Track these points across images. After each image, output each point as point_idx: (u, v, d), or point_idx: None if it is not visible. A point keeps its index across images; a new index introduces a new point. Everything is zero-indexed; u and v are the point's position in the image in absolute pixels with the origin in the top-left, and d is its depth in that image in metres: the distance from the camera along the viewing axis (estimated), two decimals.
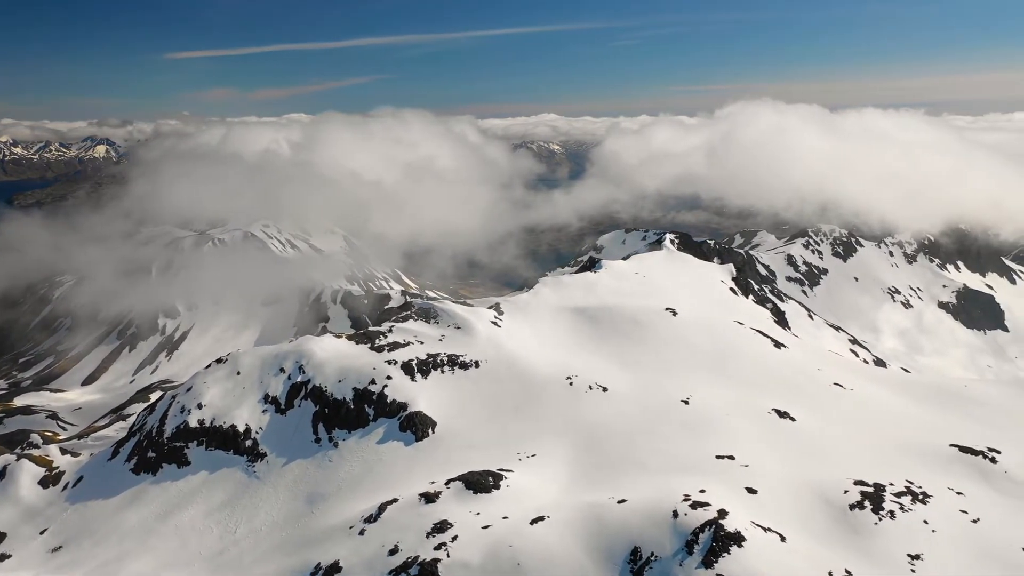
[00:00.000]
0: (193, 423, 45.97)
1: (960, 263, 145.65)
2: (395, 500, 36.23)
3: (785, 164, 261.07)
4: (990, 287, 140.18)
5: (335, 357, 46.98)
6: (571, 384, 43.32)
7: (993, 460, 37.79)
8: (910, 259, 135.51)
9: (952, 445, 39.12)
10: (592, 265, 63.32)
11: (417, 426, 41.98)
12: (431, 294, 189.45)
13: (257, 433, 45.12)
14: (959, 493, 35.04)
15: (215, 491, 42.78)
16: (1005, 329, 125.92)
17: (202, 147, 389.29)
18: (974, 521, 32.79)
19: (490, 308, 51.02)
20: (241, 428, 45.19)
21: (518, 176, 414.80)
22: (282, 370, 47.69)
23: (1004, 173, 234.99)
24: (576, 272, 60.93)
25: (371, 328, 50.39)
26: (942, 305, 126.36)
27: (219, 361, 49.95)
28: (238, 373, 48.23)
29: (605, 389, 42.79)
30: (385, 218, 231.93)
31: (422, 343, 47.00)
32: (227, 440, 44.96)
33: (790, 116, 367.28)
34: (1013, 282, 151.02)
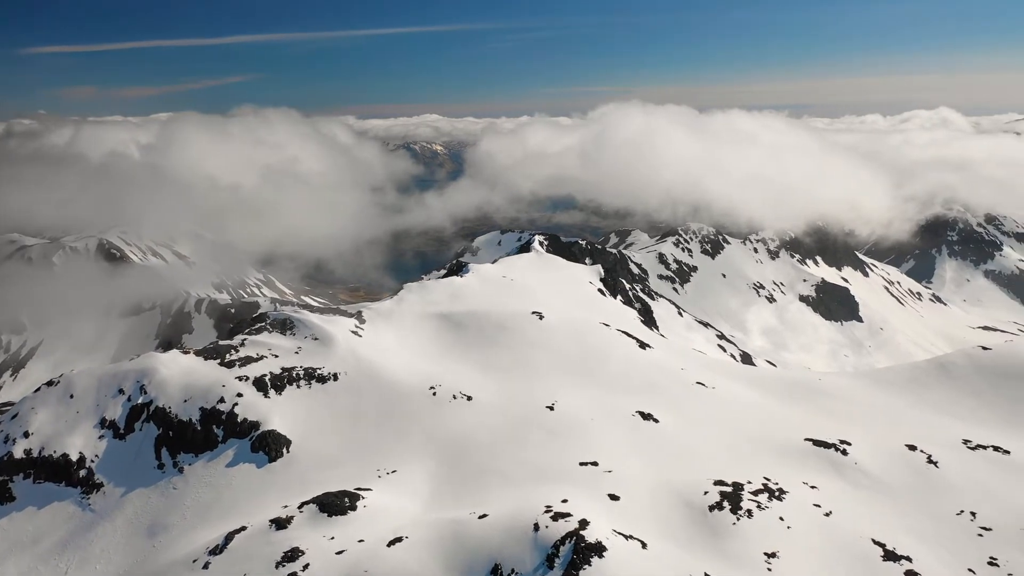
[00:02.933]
0: (18, 454, 41.56)
1: (819, 258, 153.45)
2: (244, 528, 33.67)
3: (657, 165, 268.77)
4: (846, 280, 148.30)
5: (181, 375, 43.61)
6: (435, 394, 41.82)
7: (844, 452, 38.88)
8: (773, 255, 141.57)
9: (807, 439, 40.05)
10: (459, 269, 62.05)
11: (270, 446, 39.40)
12: (312, 301, 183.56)
13: (92, 462, 41.24)
14: (813, 487, 35.76)
15: (44, 529, 38.74)
16: (860, 320, 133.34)
17: (47, 148, 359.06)
18: (827, 515, 33.45)
19: (351, 317, 48.81)
20: (74, 457, 41.18)
21: (394, 178, 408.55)
22: (121, 391, 43.87)
23: (859, 174, 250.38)
24: (443, 277, 59.46)
25: (221, 342, 47.18)
26: (803, 298, 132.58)
27: (50, 384, 45.52)
28: (71, 396, 44.03)
29: (470, 398, 41.51)
30: (243, 224, 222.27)
31: (277, 356, 44.33)
32: (58, 471, 40.85)
33: (661, 117, 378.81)
34: (866, 275, 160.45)
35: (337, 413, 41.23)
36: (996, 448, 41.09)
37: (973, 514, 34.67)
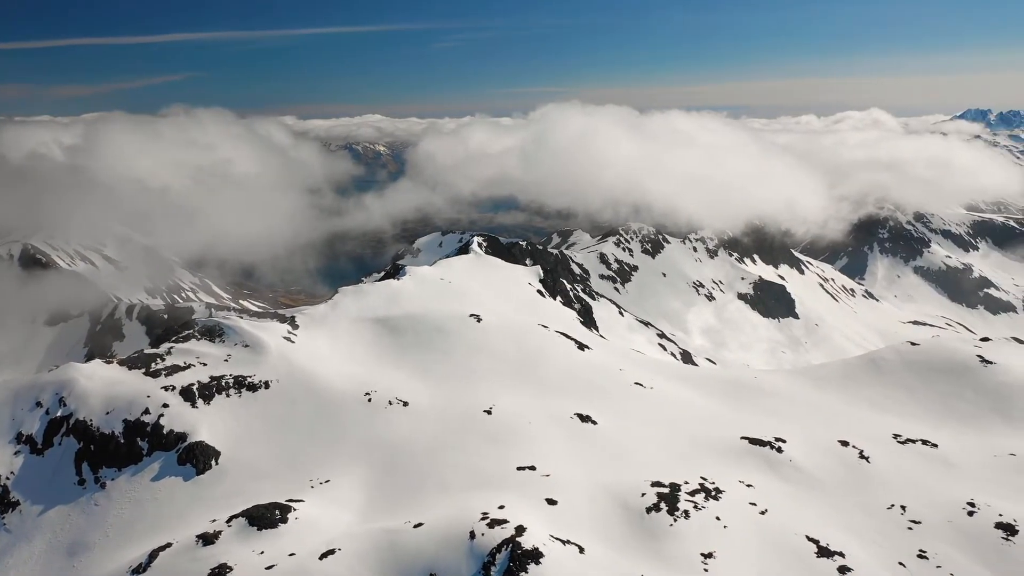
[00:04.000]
0: None
1: (756, 256, 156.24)
2: (169, 545, 32.36)
3: (598, 165, 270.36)
4: (782, 278, 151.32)
5: (103, 386, 41.78)
6: (370, 400, 40.92)
7: (779, 450, 39.23)
8: (712, 254, 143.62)
9: (743, 438, 40.32)
10: (396, 272, 61.06)
11: (198, 458, 37.97)
12: (251, 305, 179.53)
13: (8, 479, 39.20)
14: (749, 486, 35.95)
15: None
16: (796, 316, 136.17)
17: None
18: (762, 513, 33.64)
19: (284, 322, 47.52)
20: None
21: (334, 179, 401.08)
22: (39, 404, 41.85)
23: (795, 174, 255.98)
24: (380, 280, 58.43)
25: (146, 351, 45.44)
26: (741, 296, 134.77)
27: None
28: None
29: (406, 404, 40.74)
30: (173, 227, 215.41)
31: (205, 365, 42.84)
32: None
33: (601, 118, 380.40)
34: (802, 272, 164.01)
35: (269, 422, 40.02)
36: (924, 442, 42.03)
37: (903, 508, 35.29)
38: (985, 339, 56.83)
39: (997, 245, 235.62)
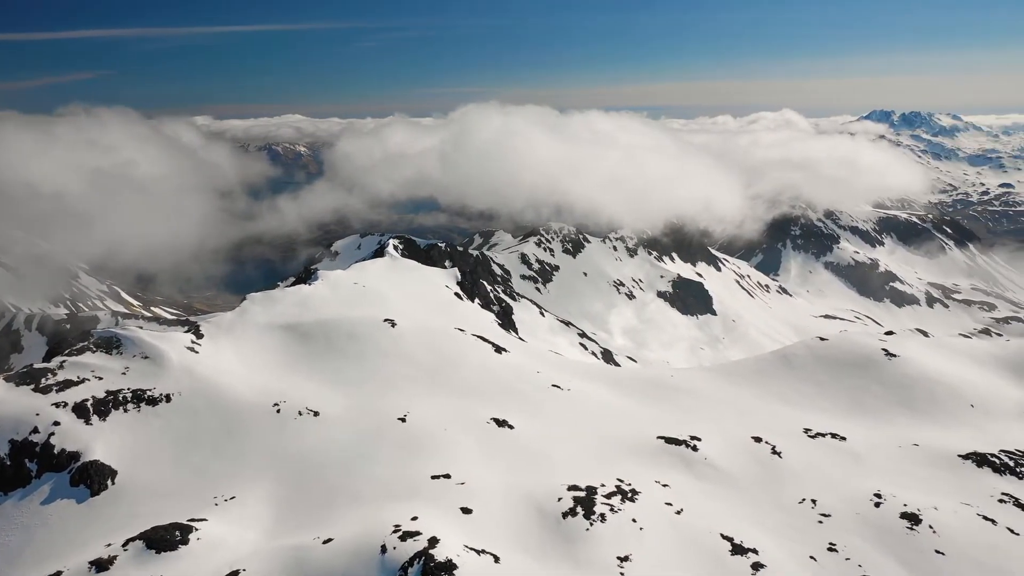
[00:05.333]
0: None
1: (674, 255, 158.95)
2: (59, 573, 30.26)
3: (519, 166, 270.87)
4: (700, 275, 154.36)
5: None
6: (279, 411, 39.37)
7: (695, 448, 39.47)
8: (632, 253, 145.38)
9: (659, 437, 40.43)
10: (308, 277, 59.31)
11: (92, 479, 35.70)
12: (165, 313, 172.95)
13: None
14: (665, 485, 36.02)
15: None
16: (714, 313, 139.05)
17: None
18: (678, 512, 33.71)
19: (188, 331, 45.40)
20: None
21: (249, 181, 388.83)
22: None
23: (713, 174, 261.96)
24: (291, 285, 56.60)
25: (36, 365, 42.68)
26: (661, 294, 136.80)
27: None
28: None
29: (316, 413, 39.35)
30: (72, 233, 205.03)
31: (101, 378, 40.46)
32: None
33: (521, 118, 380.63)
34: (719, 269, 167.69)
35: (170, 438, 38.02)
36: (834, 435, 42.99)
37: (814, 501, 35.92)
38: (889, 333, 58.81)
39: (901, 241, 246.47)
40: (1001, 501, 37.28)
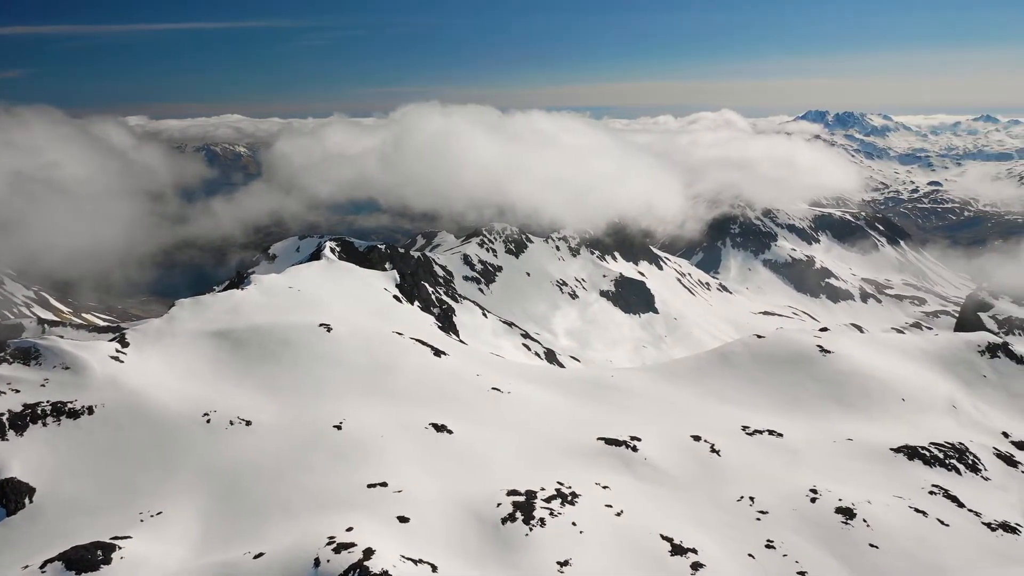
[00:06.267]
0: None
1: (616, 254, 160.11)
2: None
3: (461, 166, 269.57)
4: (642, 274, 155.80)
5: None
6: (209, 421, 38.02)
7: (635, 449, 39.41)
8: (574, 252, 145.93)
9: (600, 438, 40.26)
10: (240, 282, 57.68)
11: (8, 497, 33.91)
12: (97, 319, 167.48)
13: None
14: (605, 487, 35.83)
15: None
16: (656, 311, 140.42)
17: None
18: (618, 514, 33.54)
19: (113, 340, 43.62)
20: None
21: (184, 183, 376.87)
22: None
23: (655, 174, 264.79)
24: (223, 290, 54.93)
25: None
26: (604, 294, 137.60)
27: None
28: None
29: (249, 423, 38.13)
30: None
31: (18, 391, 38.49)
32: None
33: (463, 118, 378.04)
34: (661, 268, 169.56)
35: (93, 452, 36.37)
36: (771, 432, 43.46)
37: (752, 499, 36.17)
38: (824, 329, 59.90)
39: (837, 238, 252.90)
40: (931, 493, 38.13)
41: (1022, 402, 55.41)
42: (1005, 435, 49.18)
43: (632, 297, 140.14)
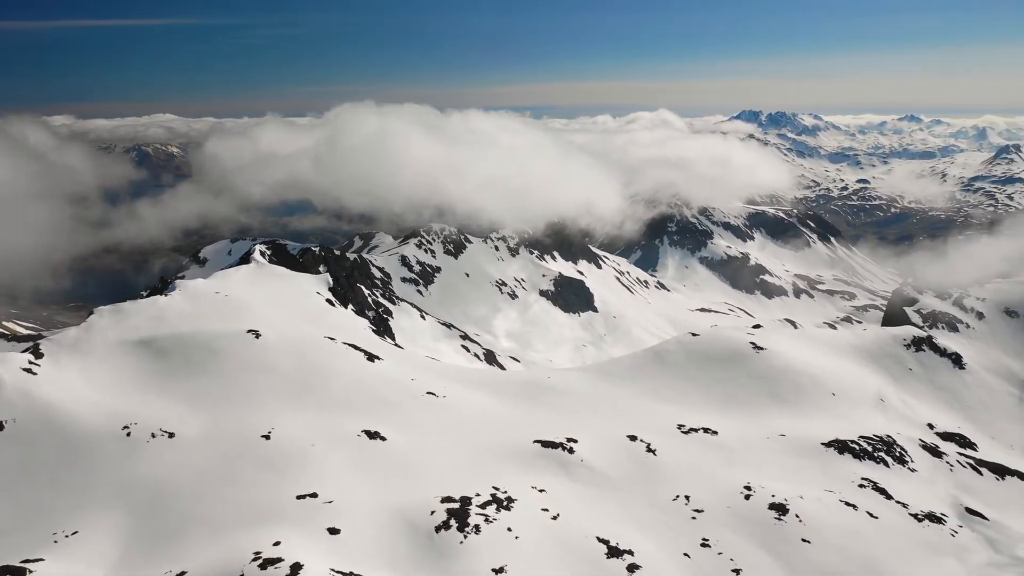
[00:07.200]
0: None
1: (556, 253, 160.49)
2: None
3: (398, 166, 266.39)
4: (581, 273, 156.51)
5: None
6: (129, 435, 36.36)
7: (571, 451, 39.13)
8: (513, 252, 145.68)
9: (536, 441, 39.87)
10: (165, 287, 55.66)
11: None
12: (18, 327, 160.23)
13: None
14: (541, 491, 35.44)
15: None
16: (595, 310, 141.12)
17: None
18: (554, 518, 33.17)
19: (25, 351, 41.46)
20: None
21: (110, 185, 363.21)
22: None
23: (594, 174, 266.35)
24: (146, 297, 52.87)
25: None
26: (543, 293, 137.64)
27: None
28: None
29: (172, 435, 36.59)
30: None
31: None
32: None
33: (400, 117, 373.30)
34: (599, 267, 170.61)
35: (3, 470, 34.42)
36: (706, 430, 43.72)
37: (687, 497, 36.24)
38: (757, 326, 60.74)
39: (770, 235, 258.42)
40: (861, 486, 38.82)
41: (946, 394, 57.21)
42: (930, 426, 50.60)
43: (572, 296, 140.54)
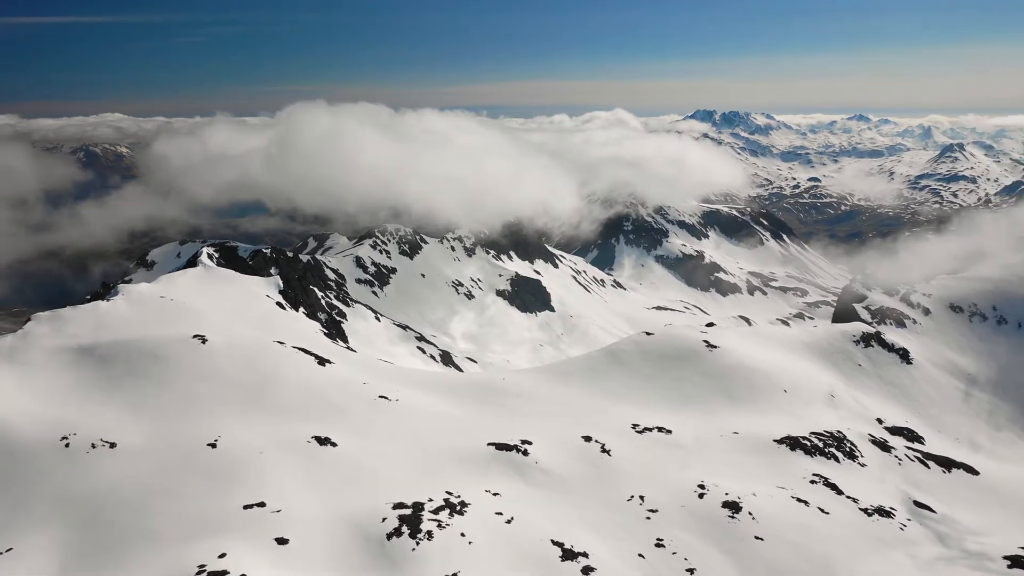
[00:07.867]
0: None
1: (512, 253, 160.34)
2: None
3: (353, 166, 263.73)
4: (538, 272, 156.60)
5: None
6: (68, 446, 35.06)
7: (525, 453, 38.83)
8: (470, 252, 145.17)
9: (490, 444, 39.47)
10: (107, 292, 54.05)
11: None
12: None
13: None
14: (495, 494, 35.06)
15: None
16: (552, 310, 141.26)
17: None
18: (508, 522, 32.80)
19: None
20: None
21: (54, 187, 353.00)
22: None
23: (550, 174, 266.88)
24: (87, 302, 51.24)
25: None
26: (500, 293, 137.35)
27: None
28: None
29: (113, 445, 35.38)
30: None
31: None
32: None
33: (354, 117, 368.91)
34: (556, 266, 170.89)
35: None
36: (660, 429, 43.75)
37: (642, 498, 36.17)
38: (710, 324, 61.14)
39: (724, 233, 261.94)
40: (812, 482, 39.18)
41: (894, 389, 58.22)
42: (879, 421, 51.39)
43: (528, 296, 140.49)
